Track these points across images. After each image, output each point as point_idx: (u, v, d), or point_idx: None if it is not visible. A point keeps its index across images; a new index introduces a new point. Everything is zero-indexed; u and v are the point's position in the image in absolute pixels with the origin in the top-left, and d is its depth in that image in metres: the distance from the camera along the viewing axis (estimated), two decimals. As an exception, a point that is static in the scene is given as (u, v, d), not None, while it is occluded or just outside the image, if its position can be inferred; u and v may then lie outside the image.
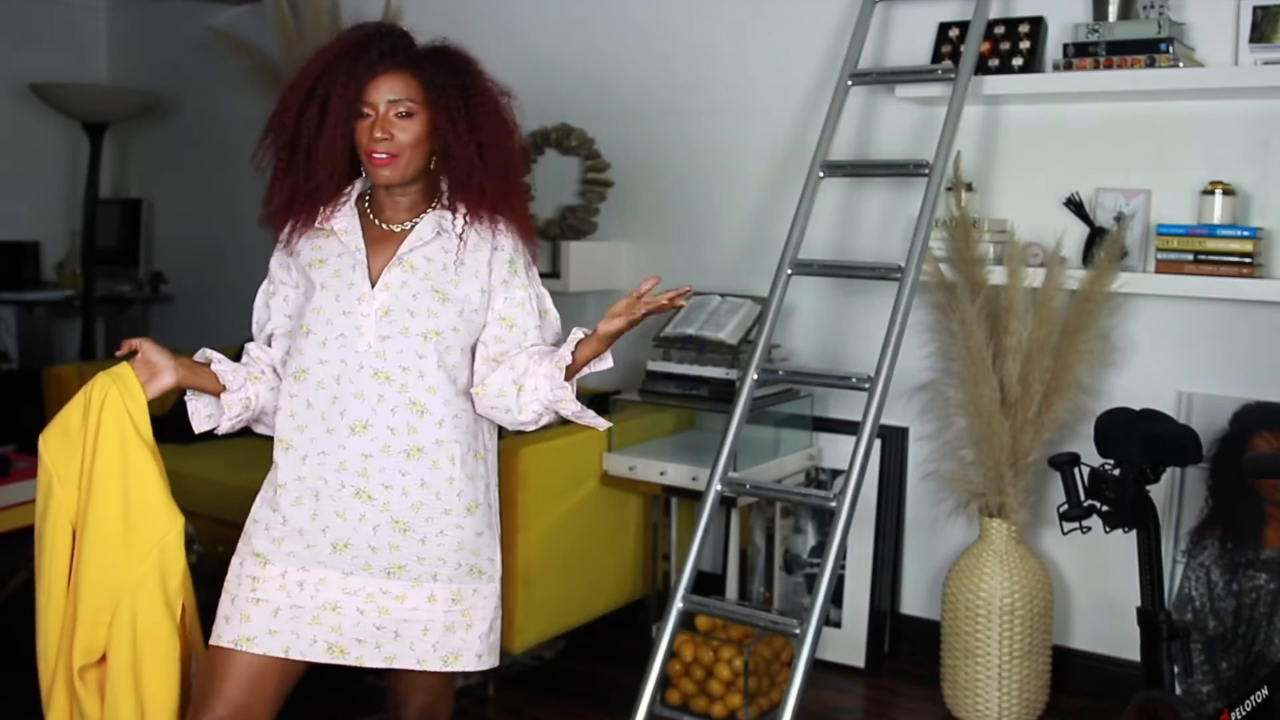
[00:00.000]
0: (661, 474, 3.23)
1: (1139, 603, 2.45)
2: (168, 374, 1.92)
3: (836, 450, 3.44)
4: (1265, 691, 1.96)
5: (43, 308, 5.28)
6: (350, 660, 1.89)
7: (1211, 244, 2.84)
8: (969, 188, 3.17)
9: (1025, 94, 3.10)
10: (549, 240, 4.05)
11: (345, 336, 1.87)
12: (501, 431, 2.10)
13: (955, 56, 3.16)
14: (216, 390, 1.96)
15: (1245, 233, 2.82)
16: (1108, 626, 3.17)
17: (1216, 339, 3.01)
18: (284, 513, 1.89)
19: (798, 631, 2.60)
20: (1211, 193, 2.89)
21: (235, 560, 1.94)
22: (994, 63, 3.13)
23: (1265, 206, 2.92)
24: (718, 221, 3.75)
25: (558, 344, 1.99)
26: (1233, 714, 2.02)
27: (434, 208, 1.95)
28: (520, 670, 3.33)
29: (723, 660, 3.02)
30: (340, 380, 1.87)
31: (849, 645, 3.39)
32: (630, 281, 3.93)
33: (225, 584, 1.93)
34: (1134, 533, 2.45)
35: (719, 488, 2.87)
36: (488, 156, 1.90)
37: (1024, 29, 3.12)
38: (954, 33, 3.24)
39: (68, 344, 5.46)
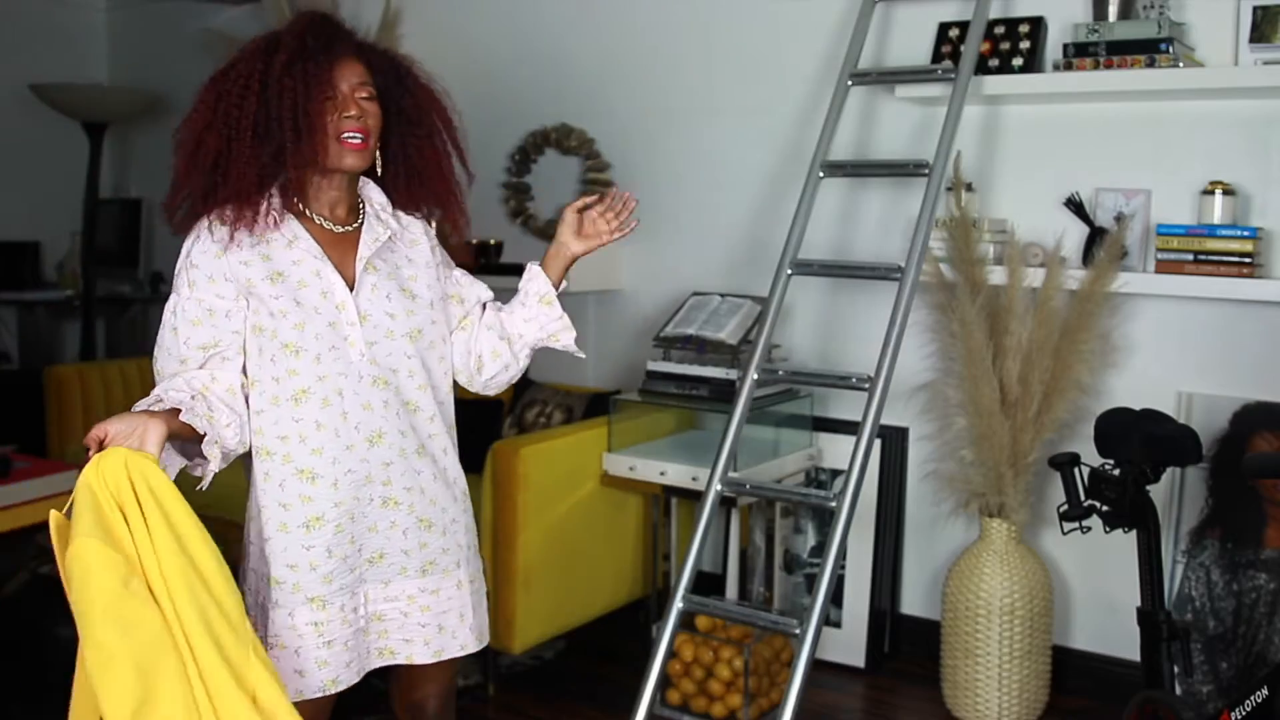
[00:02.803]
0: (661, 474, 3.23)
1: (1139, 603, 2.45)
2: (154, 424, 1.62)
3: (836, 450, 3.44)
4: (1265, 691, 1.96)
5: (43, 308, 5.29)
6: (401, 659, 1.92)
7: (1211, 244, 2.84)
8: (969, 188, 3.17)
9: (1025, 94, 3.09)
10: (549, 240, 4.05)
11: (337, 348, 1.81)
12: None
13: (955, 56, 3.16)
14: (191, 437, 1.71)
15: (1245, 233, 2.82)
16: (1108, 626, 3.17)
17: (1216, 339, 3.01)
18: (328, 546, 1.81)
19: (798, 631, 2.60)
20: (1211, 193, 2.89)
21: (278, 614, 1.80)
22: (994, 63, 3.13)
23: (1265, 206, 2.92)
24: (718, 221, 3.75)
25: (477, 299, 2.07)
26: (1233, 714, 2.03)
27: (362, 205, 1.91)
28: (520, 670, 3.33)
29: (723, 660, 3.02)
30: (344, 394, 1.81)
31: (849, 645, 3.40)
32: (630, 281, 3.94)
33: (271, 641, 1.80)
34: (1134, 533, 2.46)
35: (719, 488, 2.87)
36: (428, 149, 1.93)
37: (1024, 29, 3.13)
38: (954, 33, 3.24)
39: (68, 344, 5.47)
